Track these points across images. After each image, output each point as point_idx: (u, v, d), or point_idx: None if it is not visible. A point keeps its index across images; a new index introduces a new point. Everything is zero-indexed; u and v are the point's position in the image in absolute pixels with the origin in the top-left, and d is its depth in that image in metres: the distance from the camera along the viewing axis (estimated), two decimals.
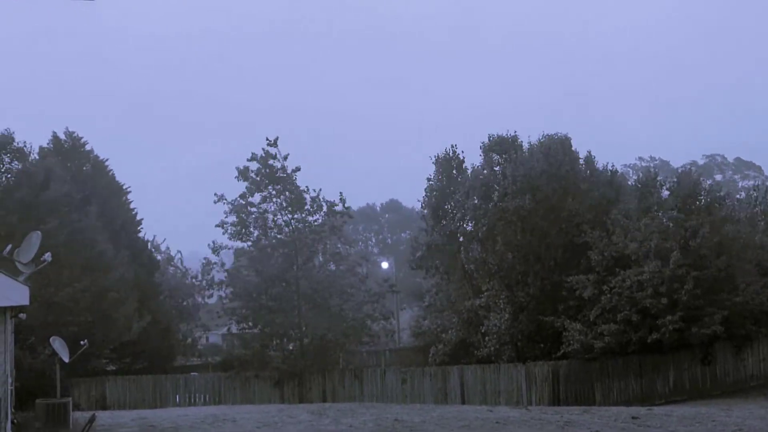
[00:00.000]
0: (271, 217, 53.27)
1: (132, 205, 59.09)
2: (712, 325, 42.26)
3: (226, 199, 52.28)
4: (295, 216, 53.03)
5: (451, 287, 58.51)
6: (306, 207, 53.04)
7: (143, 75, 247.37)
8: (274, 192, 52.85)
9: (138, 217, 59.40)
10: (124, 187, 58.49)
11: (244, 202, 52.70)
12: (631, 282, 43.62)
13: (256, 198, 52.92)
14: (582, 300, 45.57)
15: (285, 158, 52.58)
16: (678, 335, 42.64)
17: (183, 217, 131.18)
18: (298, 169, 52.88)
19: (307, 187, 53.00)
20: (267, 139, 52.36)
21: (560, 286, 47.24)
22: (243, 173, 52.61)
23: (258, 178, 52.52)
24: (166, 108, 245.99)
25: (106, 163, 57.44)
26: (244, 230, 52.79)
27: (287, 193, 52.85)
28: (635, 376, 45.03)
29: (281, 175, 52.68)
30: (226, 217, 52.48)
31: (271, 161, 52.43)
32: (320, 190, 53.20)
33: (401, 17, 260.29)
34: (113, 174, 57.79)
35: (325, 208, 53.32)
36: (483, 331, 51.75)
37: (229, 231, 52.64)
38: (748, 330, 44.41)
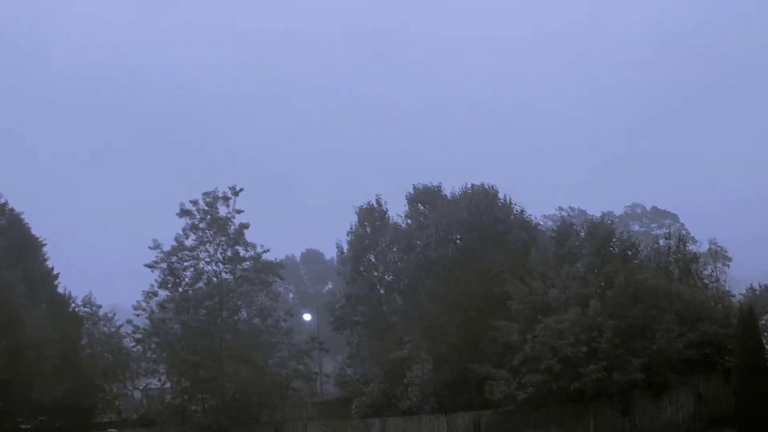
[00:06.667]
0: (203, 264, 52.98)
1: (49, 259, 58.10)
2: (632, 373, 42.62)
3: (161, 247, 52.06)
4: (227, 266, 52.79)
5: (373, 339, 58.36)
6: (242, 265, 52.90)
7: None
8: (211, 236, 52.56)
9: (55, 271, 58.35)
10: (41, 240, 57.52)
11: (177, 245, 52.33)
12: (552, 330, 43.92)
13: (189, 242, 52.69)
14: (505, 348, 45.68)
15: (237, 212, 52.71)
16: (599, 384, 42.87)
17: (101, 264, 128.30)
18: (246, 226, 52.78)
19: (256, 244, 53.13)
20: (230, 188, 52.58)
21: (483, 336, 47.31)
22: (186, 211, 52.41)
23: (199, 220, 52.34)
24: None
25: (22, 216, 56.55)
26: (172, 279, 52.34)
27: (225, 245, 52.63)
28: (556, 425, 45.08)
29: (229, 228, 52.57)
30: (156, 262, 52.18)
31: (220, 207, 52.43)
32: (267, 250, 53.46)
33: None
34: (29, 227, 56.89)
35: (259, 262, 53.31)
36: (405, 382, 51.55)
37: (157, 278, 52.31)
38: (666, 378, 44.73)
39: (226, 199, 52.72)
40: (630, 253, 48.57)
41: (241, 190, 52.86)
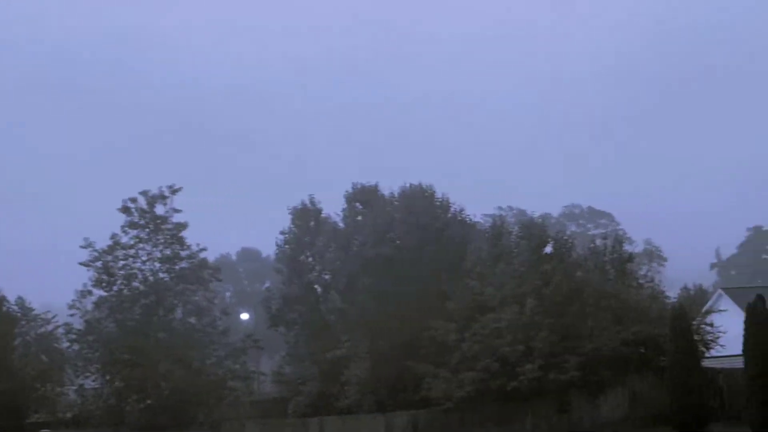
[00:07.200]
0: (139, 263, 52.66)
1: None
2: (568, 371, 42.96)
3: (92, 246, 51.63)
4: (164, 265, 52.55)
5: (311, 338, 58.11)
6: (180, 265, 52.69)
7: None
8: (149, 233, 52.33)
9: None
10: None
11: (113, 243, 51.95)
12: (490, 330, 44.11)
13: (126, 239, 52.39)
14: (443, 347, 45.78)
15: (174, 211, 52.62)
16: (536, 383, 43.14)
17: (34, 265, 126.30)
18: (184, 226, 52.69)
19: (197, 244, 53.06)
20: (170, 186, 52.46)
21: (422, 335, 47.34)
22: (126, 209, 52.25)
23: (138, 217, 52.16)
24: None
25: None
26: (107, 278, 51.92)
27: (164, 245, 52.42)
28: (494, 424, 45.17)
29: (166, 226, 52.44)
30: (92, 260, 51.76)
31: (159, 205, 52.30)
32: (204, 249, 53.33)
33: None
34: None
35: (196, 261, 53.16)
36: (343, 381, 51.44)
37: (92, 277, 51.86)
38: (602, 377, 45.18)
39: (163, 198, 52.57)
40: (564, 251, 48.97)
41: (180, 189, 52.88)
